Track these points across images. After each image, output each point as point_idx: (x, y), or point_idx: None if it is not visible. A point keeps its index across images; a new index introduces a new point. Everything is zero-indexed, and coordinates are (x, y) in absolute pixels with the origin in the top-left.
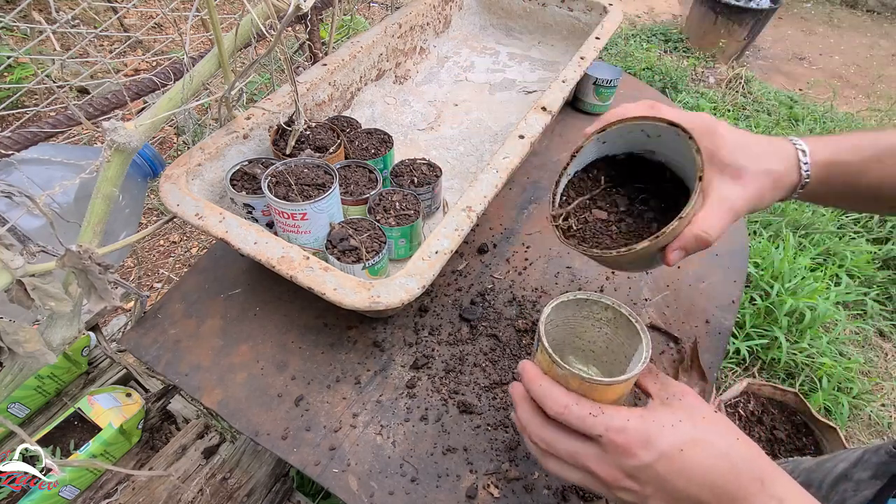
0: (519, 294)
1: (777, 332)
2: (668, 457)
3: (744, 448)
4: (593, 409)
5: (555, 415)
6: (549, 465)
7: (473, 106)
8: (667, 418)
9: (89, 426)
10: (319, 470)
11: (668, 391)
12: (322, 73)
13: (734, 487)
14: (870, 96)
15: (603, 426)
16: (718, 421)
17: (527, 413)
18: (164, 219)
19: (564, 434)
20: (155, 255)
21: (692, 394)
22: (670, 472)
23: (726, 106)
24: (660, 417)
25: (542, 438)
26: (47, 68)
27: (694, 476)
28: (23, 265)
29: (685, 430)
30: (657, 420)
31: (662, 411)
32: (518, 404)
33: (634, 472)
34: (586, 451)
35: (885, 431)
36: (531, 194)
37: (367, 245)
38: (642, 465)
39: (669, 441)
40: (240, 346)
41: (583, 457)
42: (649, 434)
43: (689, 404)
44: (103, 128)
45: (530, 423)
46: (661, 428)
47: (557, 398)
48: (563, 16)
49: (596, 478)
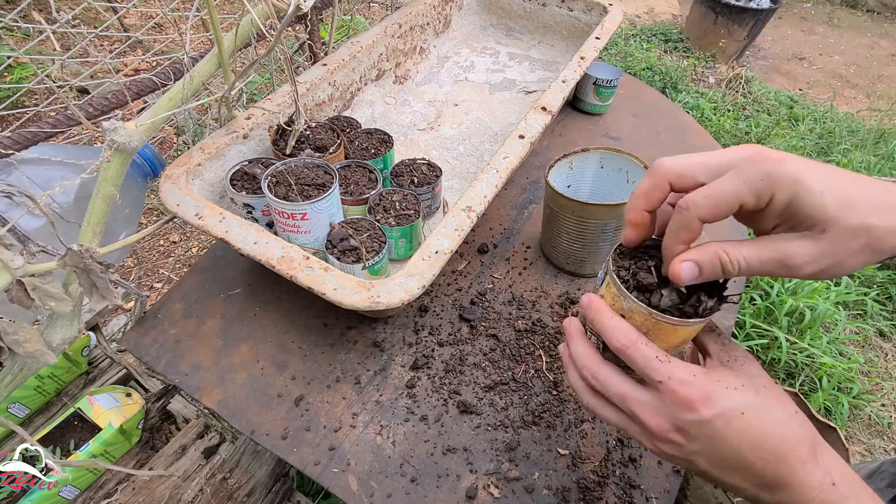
0: (519, 294)
1: (777, 332)
2: (728, 417)
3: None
4: (661, 354)
5: (620, 348)
6: (590, 402)
7: (473, 106)
8: (730, 380)
9: (89, 426)
10: (319, 470)
11: (730, 354)
12: (322, 73)
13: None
14: (870, 96)
15: (667, 373)
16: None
17: (581, 346)
18: (164, 219)
19: (619, 374)
20: (155, 255)
21: (753, 360)
22: (726, 432)
23: (726, 106)
24: (723, 378)
25: (595, 374)
26: (47, 68)
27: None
28: (23, 265)
29: (748, 396)
30: (721, 380)
31: (724, 373)
32: (572, 337)
33: (687, 426)
34: (638, 395)
35: (885, 431)
36: (531, 194)
37: (367, 245)
38: (699, 420)
39: (732, 402)
40: (240, 346)
41: (632, 401)
42: (713, 391)
43: (750, 371)
44: (103, 128)
45: (583, 357)
46: (725, 389)
47: (628, 333)
48: (563, 16)
49: (640, 425)
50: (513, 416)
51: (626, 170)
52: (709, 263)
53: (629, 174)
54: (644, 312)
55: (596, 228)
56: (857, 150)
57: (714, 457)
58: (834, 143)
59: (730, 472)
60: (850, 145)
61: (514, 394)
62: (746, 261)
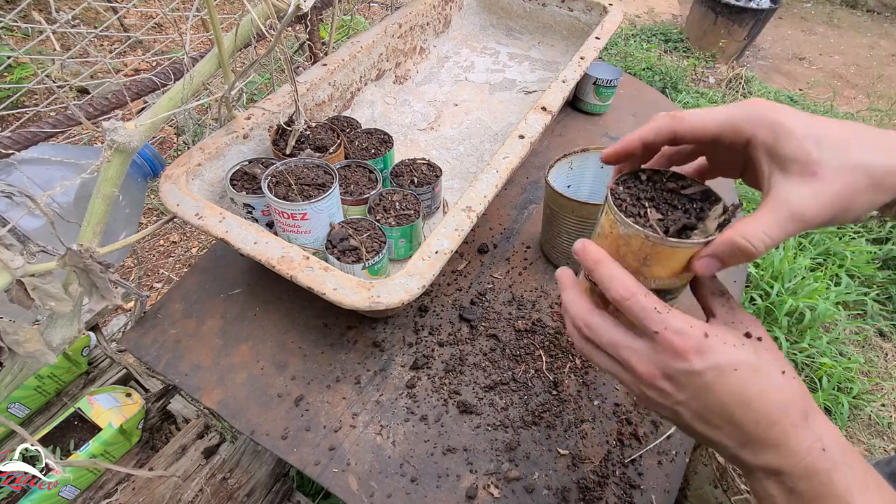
0: (519, 294)
1: (777, 332)
2: (721, 371)
3: (797, 386)
4: (659, 305)
5: (618, 299)
6: (583, 347)
7: (473, 106)
8: (729, 338)
9: (89, 426)
10: (319, 470)
11: (735, 317)
12: (322, 73)
13: (778, 419)
14: (870, 96)
15: (663, 323)
16: (780, 357)
17: (572, 294)
18: (164, 219)
19: (611, 323)
20: (155, 255)
21: (759, 324)
22: (717, 386)
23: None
24: (722, 335)
25: (588, 323)
26: (47, 68)
27: (739, 397)
28: (23, 265)
29: (745, 354)
30: (719, 336)
31: (726, 331)
32: (566, 287)
33: (677, 374)
34: (630, 343)
35: (885, 431)
36: (531, 194)
37: (367, 245)
38: (690, 370)
39: (727, 358)
40: (240, 346)
41: (623, 348)
42: (708, 344)
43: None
44: (103, 128)
45: (576, 306)
46: (722, 344)
47: (628, 284)
48: (563, 16)
49: (630, 371)
50: (513, 416)
51: None
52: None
53: None
54: (641, 236)
55: None
56: None
57: (700, 409)
58: None
59: (713, 427)
60: None
61: (514, 394)
62: (755, 235)
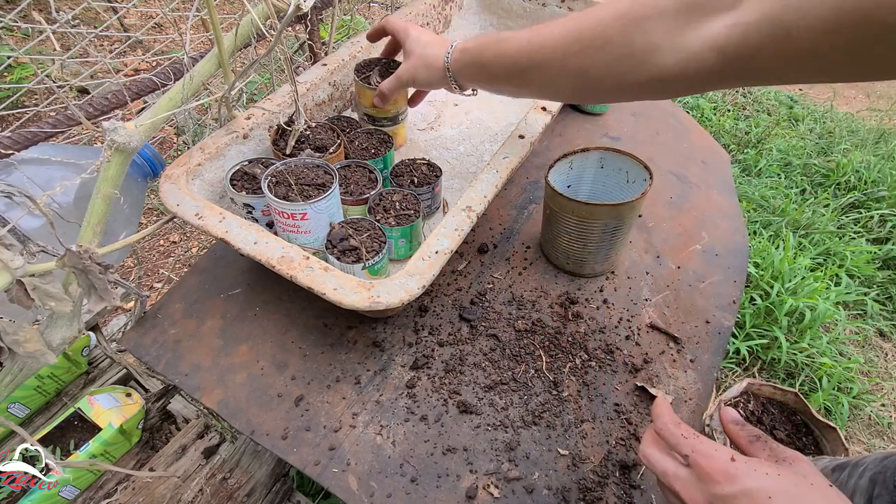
0: (519, 294)
1: (777, 332)
2: (752, 497)
3: None
4: (688, 432)
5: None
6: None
7: (473, 106)
8: (765, 467)
9: (89, 426)
10: (319, 470)
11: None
12: (322, 73)
13: None
14: (870, 96)
15: (690, 447)
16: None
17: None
18: (164, 219)
19: (662, 453)
20: (155, 255)
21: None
22: None
23: (726, 106)
24: (753, 462)
25: (646, 456)
26: (47, 68)
27: None
28: (23, 265)
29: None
30: (749, 462)
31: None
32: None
33: (715, 500)
34: (675, 471)
35: (885, 431)
36: (531, 194)
37: (367, 245)
38: (724, 494)
39: (758, 484)
40: (240, 346)
41: (671, 477)
42: (735, 468)
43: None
44: (103, 128)
45: (643, 441)
46: (754, 471)
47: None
48: (564, 16)
49: (680, 500)
50: (513, 416)
51: (625, 170)
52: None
53: (629, 174)
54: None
55: (596, 228)
56: (858, 150)
57: None
58: (834, 143)
59: None
60: (850, 145)
61: (514, 394)
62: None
